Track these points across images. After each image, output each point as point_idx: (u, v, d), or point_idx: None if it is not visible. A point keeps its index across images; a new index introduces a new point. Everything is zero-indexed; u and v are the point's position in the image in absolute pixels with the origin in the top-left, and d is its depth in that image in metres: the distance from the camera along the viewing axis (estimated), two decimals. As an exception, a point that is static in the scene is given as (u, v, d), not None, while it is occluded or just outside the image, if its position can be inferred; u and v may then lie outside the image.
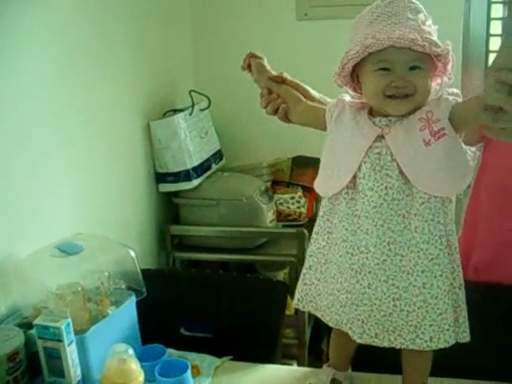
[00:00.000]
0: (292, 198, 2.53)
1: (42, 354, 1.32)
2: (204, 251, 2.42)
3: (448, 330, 1.19)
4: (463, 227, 1.68)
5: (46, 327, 1.29)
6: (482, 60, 2.53)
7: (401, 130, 1.18)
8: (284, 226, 2.49)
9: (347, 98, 1.30)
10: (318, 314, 1.32)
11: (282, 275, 2.53)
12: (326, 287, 1.29)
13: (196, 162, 2.36)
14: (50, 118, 1.72)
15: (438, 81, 1.23)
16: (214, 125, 2.56)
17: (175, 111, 2.39)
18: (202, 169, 2.39)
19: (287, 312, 2.16)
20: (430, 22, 1.18)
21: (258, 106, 2.70)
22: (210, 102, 2.47)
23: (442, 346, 1.19)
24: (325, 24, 2.49)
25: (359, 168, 1.20)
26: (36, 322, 1.30)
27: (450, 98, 1.19)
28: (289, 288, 2.37)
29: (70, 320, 1.30)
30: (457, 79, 2.44)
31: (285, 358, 2.26)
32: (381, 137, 1.19)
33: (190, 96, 2.38)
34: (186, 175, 2.34)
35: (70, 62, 1.80)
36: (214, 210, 2.38)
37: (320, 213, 1.31)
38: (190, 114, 2.37)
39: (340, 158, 1.25)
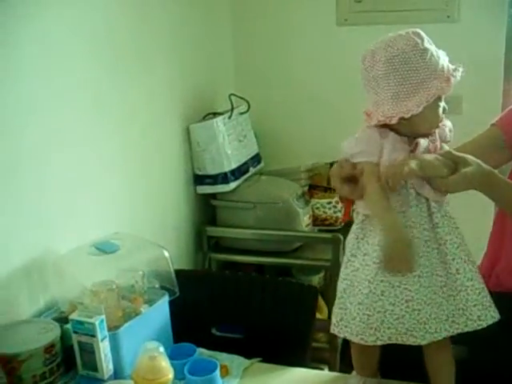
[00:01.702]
0: (329, 202, 2.53)
1: (76, 348, 1.36)
2: (240, 253, 2.44)
3: (490, 306, 1.26)
4: (491, 237, 1.67)
5: (81, 322, 1.33)
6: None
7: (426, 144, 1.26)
8: (320, 231, 2.50)
9: (345, 143, 1.32)
10: (354, 339, 1.29)
11: (317, 279, 2.54)
12: (364, 307, 1.26)
13: (234, 165, 2.39)
14: (92, 116, 1.78)
15: None
16: (252, 128, 2.58)
17: (215, 114, 2.43)
18: (239, 172, 2.42)
19: (320, 316, 2.17)
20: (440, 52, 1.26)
21: (296, 111, 2.75)
22: (249, 105, 2.49)
23: (490, 322, 1.25)
24: (365, 29, 2.49)
25: None
26: (71, 317, 1.35)
27: (449, 134, 1.30)
28: (323, 292, 2.40)
29: (103, 316, 1.34)
30: (498, 86, 2.45)
31: (316, 362, 2.27)
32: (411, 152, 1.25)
33: (230, 100, 2.41)
34: (223, 178, 2.36)
35: (112, 63, 1.86)
36: (251, 213, 2.40)
37: (352, 235, 1.32)
38: (229, 118, 2.40)
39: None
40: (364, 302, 1.25)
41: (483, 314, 1.24)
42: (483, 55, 2.38)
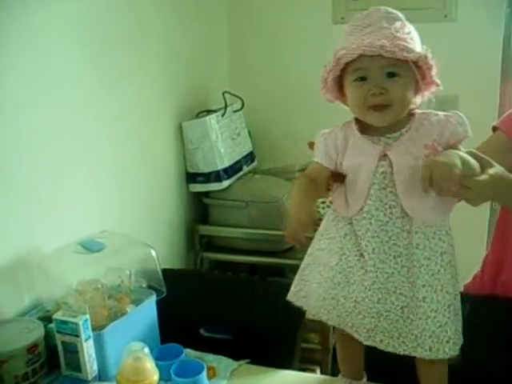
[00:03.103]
0: (323, 202, 2.51)
1: (60, 348, 1.35)
2: (232, 252, 2.42)
3: (448, 342, 1.20)
4: (492, 242, 1.64)
5: (65, 322, 1.31)
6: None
7: (403, 149, 1.18)
8: (314, 230, 2.47)
9: (326, 130, 1.30)
10: (310, 312, 1.34)
11: (309, 279, 2.51)
12: (321, 289, 1.29)
13: (227, 163, 2.37)
14: (81, 112, 1.75)
15: (432, 90, 1.22)
16: (246, 126, 2.56)
17: (208, 112, 2.40)
18: (232, 170, 2.40)
19: (312, 317, 2.15)
20: (407, 29, 1.17)
21: (291, 109, 2.73)
22: (243, 103, 2.47)
23: (440, 356, 1.20)
24: (361, 28, 2.46)
25: (369, 190, 1.21)
26: (55, 316, 1.33)
27: (460, 129, 1.19)
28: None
29: (88, 316, 1.32)
30: (496, 86, 2.43)
31: (309, 363, 2.26)
32: (383, 155, 1.19)
33: (224, 97, 2.38)
34: (216, 176, 2.34)
35: (102, 59, 1.83)
36: (244, 212, 2.38)
37: (326, 216, 1.32)
38: (223, 116, 2.38)
39: (351, 181, 1.24)
40: (322, 285, 1.28)
41: (435, 347, 1.20)
42: (480, 55, 2.36)
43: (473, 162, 1.17)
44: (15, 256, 1.52)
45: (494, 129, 1.57)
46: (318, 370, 2.29)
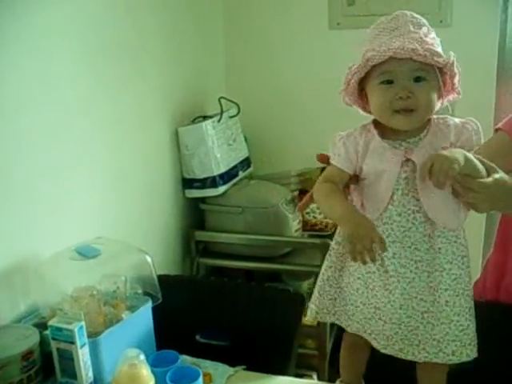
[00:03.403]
0: (319, 207, 2.51)
1: (55, 355, 1.34)
2: (228, 258, 2.42)
3: (470, 344, 1.21)
4: (494, 247, 1.64)
5: (60, 329, 1.31)
6: (517, 72, 2.48)
7: (424, 152, 1.17)
8: (310, 236, 2.47)
9: (343, 133, 1.28)
10: (337, 322, 1.32)
11: (306, 285, 2.51)
12: (341, 294, 1.29)
13: (223, 169, 2.36)
14: (77, 117, 1.75)
15: (450, 97, 1.21)
16: (242, 132, 2.56)
17: (204, 118, 2.40)
18: (228, 176, 2.40)
19: (308, 323, 2.15)
20: (433, 34, 1.17)
21: (287, 115, 2.73)
22: (239, 109, 2.47)
23: (464, 359, 1.21)
24: (357, 33, 2.45)
25: (391, 195, 1.20)
26: (50, 323, 1.32)
27: (474, 137, 1.19)
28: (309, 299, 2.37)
29: (83, 323, 1.31)
30: (491, 91, 2.43)
31: (305, 368, 2.25)
32: (405, 160, 1.18)
33: (220, 103, 2.38)
34: (212, 182, 2.34)
35: (99, 64, 1.84)
36: (240, 218, 2.37)
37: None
38: (219, 121, 2.38)
39: (370, 187, 1.23)
40: (343, 290, 1.28)
41: (459, 350, 1.20)
42: (476, 60, 2.36)
43: (478, 164, 1.17)
44: (11, 262, 1.52)
45: (496, 130, 1.57)
46: (315, 376, 2.29)
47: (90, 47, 1.78)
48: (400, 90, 1.14)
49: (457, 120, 1.21)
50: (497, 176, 1.19)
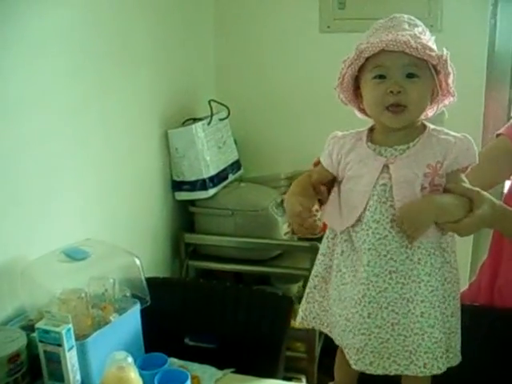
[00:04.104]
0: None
1: (42, 358, 1.33)
2: (218, 261, 2.42)
3: (441, 357, 1.20)
4: (489, 251, 1.65)
5: (47, 331, 1.30)
6: (506, 77, 2.48)
7: (405, 163, 1.18)
8: (299, 239, 2.47)
9: (338, 133, 1.30)
10: (325, 330, 1.32)
11: (296, 288, 2.51)
12: (329, 306, 1.30)
13: (213, 172, 2.36)
14: (65, 119, 1.73)
15: (446, 102, 1.21)
16: (232, 135, 2.56)
17: (194, 120, 2.40)
18: (218, 178, 2.39)
19: (298, 326, 2.15)
20: (427, 34, 1.18)
21: (277, 118, 2.73)
22: (229, 111, 2.47)
23: (434, 372, 1.20)
24: (347, 37, 2.46)
25: (367, 201, 1.20)
26: (37, 325, 1.32)
27: (464, 157, 1.18)
28: (300, 301, 2.37)
29: (71, 325, 1.30)
30: (481, 97, 2.44)
31: (294, 371, 2.25)
32: (386, 166, 1.19)
33: (210, 105, 2.38)
34: (202, 184, 2.34)
35: (89, 65, 1.82)
36: (229, 220, 2.37)
37: (326, 234, 1.31)
38: (209, 124, 2.37)
39: (348, 192, 1.24)
40: (325, 303, 1.31)
41: (430, 362, 1.19)
42: (465, 65, 2.36)
43: (455, 205, 1.17)
44: (-2, 264, 1.51)
45: (497, 135, 1.57)
46: (304, 379, 2.29)
47: (77, 52, 1.77)
48: (391, 85, 1.14)
49: (451, 135, 1.19)
50: (478, 212, 1.18)
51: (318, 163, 1.34)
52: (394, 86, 1.14)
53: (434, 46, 1.16)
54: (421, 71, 1.15)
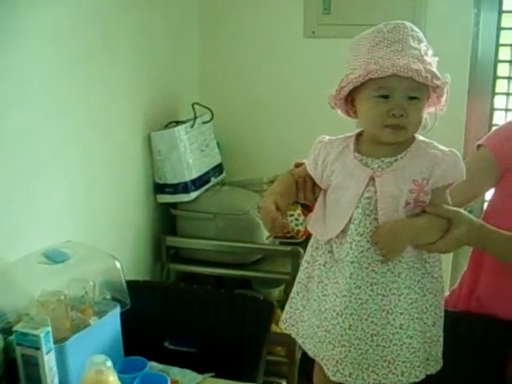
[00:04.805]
0: (291, 215, 2.51)
1: (19, 361, 1.31)
2: (199, 264, 2.40)
3: (419, 366, 1.22)
4: (468, 263, 1.67)
5: (25, 334, 1.28)
6: (489, 86, 2.50)
7: (392, 178, 1.18)
8: (281, 244, 2.47)
9: (326, 137, 1.30)
10: (299, 341, 1.34)
11: (277, 292, 2.51)
12: (309, 317, 1.30)
13: (195, 175, 2.35)
14: (46, 120, 1.72)
15: (430, 109, 1.22)
16: (215, 138, 2.55)
17: (177, 123, 2.39)
18: (200, 182, 2.39)
19: (278, 330, 2.15)
20: (430, 52, 1.19)
21: (260, 121, 2.73)
22: (212, 115, 2.46)
23: (412, 380, 1.22)
24: (332, 42, 2.47)
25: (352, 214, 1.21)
26: (15, 328, 1.30)
27: (450, 173, 1.19)
28: (283, 306, 2.38)
29: (49, 328, 1.29)
30: (463, 104, 2.46)
31: (275, 376, 2.25)
32: (372, 179, 1.19)
33: (193, 108, 2.37)
34: (184, 187, 2.33)
35: (70, 67, 1.81)
36: (211, 224, 2.36)
37: (310, 242, 1.31)
38: (192, 127, 2.37)
39: (334, 202, 1.24)
40: (303, 313, 1.32)
41: (408, 371, 1.21)
42: (448, 72, 2.39)
43: (431, 228, 1.19)
44: (-24, 265, 1.49)
45: (478, 146, 1.58)
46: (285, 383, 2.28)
47: (60, 52, 1.75)
48: (394, 107, 1.15)
49: (439, 150, 1.20)
50: (454, 233, 1.20)
51: (298, 165, 1.34)
52: (398, 110, 1.15)
53: (435, 67, 1.18)
54: (421, 93, 1.17)
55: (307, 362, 2.47)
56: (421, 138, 1.23)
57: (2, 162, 1.55)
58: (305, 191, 1.32)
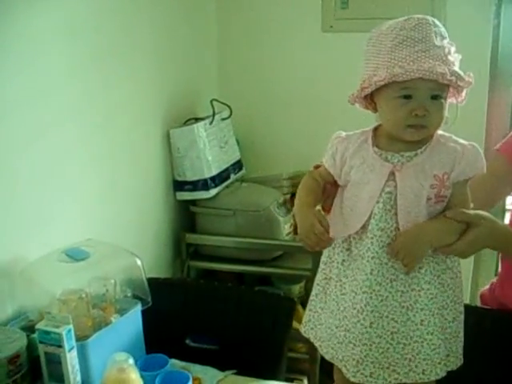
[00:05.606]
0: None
1: (42, 359, 1.32)
2: (219, 261, 2.40)
3: (440, 363, 1.21)
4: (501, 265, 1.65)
5: (48, 332, 1.29)
6: (510, 78, 2.47)
7: (412, 172, 1.17)
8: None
9: (342, 133, 1.29)
10: (316, 344, 1.32)
11: (297, 289, 2.50)
12: (326, 319, 1.29)
13: (214, 172, 2.35)
14: (67, 118, 1.72)
15: (450, 100, 1.20)
16: (234, 135, 2.55)
17: (196, 120, 2.39)
18: (220, 178, 2.38)
19: (299, 326, 2.15)
20: (453, 49, 1.17)
21: (279, 117, 2.72)
22: (231, 111, 2.46)
23: (433, 378, 1.21)
24: (350, 37, 2.46)
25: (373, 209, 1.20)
26: (38, 326, 1.31)
27: (471, 167, 1.18)
28: (304, 302, 2.37)
29: (71, 326, 1.30)
30: (484, 97, 2.43)
31: (296, 373, 2.24)
32: (392, 173, 1.18)
33: (212, 105, 2.37)
34: (203, 184, 2.32)
35: (92, 64, 1.81)
36: (231, 221, 2.36)
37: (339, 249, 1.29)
38: (211, 123, 2.36)
39: (353, 198, 1.23)
40: (322, 315, 1.30)
41: (429, 369, 1.20)
42: (468, 66, 2.36)
43: (448, 231, 1.18)
44: (-2, 264, 1.50)
45: (496, 150, 1.56)
46: (306, 381, 2.28)
47: (79, 50, 1.76)
48: (417, 108, 1.13)
49: (459, 143, 1.19)
50: (470, 236, 1.18)
51: (317, 167, 1.33)
52: (421, 110, 1.13)
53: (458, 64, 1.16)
54: (444, 92, 1.15)
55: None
56: (440, 132, 1.21)
57: (23, 160, 1.56)
58: (333, 198, 1.30)
